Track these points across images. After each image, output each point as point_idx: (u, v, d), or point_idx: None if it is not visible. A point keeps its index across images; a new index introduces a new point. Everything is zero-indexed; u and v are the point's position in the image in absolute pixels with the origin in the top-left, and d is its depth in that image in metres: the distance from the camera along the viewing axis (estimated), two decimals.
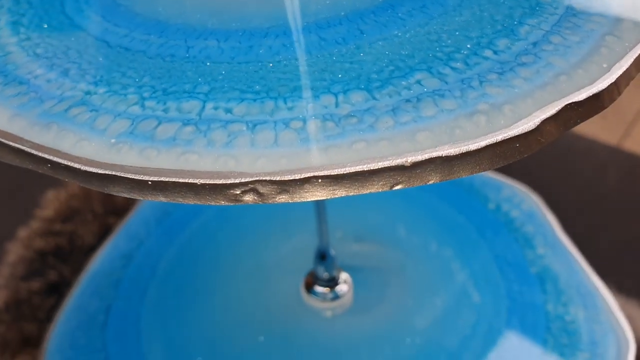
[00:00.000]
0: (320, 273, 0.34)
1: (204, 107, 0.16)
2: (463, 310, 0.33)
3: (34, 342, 0.37)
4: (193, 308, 0.35)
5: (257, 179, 0.15)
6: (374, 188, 0.15)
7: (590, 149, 0.66)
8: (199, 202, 0.15)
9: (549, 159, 0.63)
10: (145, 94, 0.16)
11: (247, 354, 0.32)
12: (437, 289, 0.34)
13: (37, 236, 0.52)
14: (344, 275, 0.35)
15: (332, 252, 0.33)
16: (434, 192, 0.39)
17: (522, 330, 0.32)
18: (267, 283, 0.35)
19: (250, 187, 0.15)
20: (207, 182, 0.15)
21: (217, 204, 0.15)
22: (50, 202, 0.53)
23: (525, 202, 0.38)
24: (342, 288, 0.34)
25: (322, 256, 0.33)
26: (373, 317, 0.33)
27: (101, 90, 0.17)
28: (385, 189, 0.15)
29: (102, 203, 0.54)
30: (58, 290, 0.40)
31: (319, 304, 0.34)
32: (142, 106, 0.16)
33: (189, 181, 0.15)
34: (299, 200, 0.15)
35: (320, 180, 0.15)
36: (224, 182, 0.15)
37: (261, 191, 0.15)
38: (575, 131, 0.84)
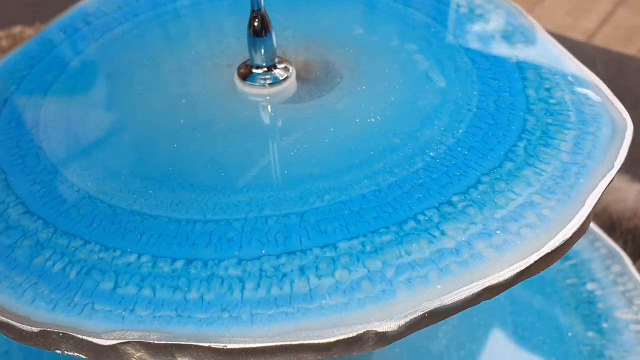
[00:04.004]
0: (257, 55, 0.28)
1: None
2: (425, 95, 0.27)
3: None
4: (106, 101, 0.29)
5: None
6: None
7: (578, 46, 0.61)
8: None
9: None
10: None
11: (168, 141, 0.26)
12: (395, 78, 0.29)
13: None
14: (285, 63, 0.29)
15: (271, 30, 0.28)
16: (399, 1, 0.34)
17: (496, 109, 0.27)
18: (196, 76, 0.30)
19: None
20: None
21: None
22: None
23: (503, 6, 0.33)
24: (281, 72, 0.28)
25: (255, 19, 0.27)
26: (319, 104, 0.27)
27: None
28: None
29: None
30: None
31: (255, 90, 0.28)
32: None
33: None
34: None
35: None
36: None
37: None
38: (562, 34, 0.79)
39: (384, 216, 0.23)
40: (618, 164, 0.24)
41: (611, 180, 0.24)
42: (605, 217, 0.43)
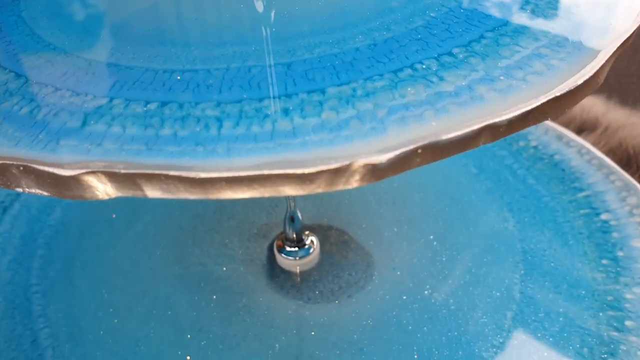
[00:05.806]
0: None
1: None
2: None
3: None
4: None
5: None
6: None
7: None
8: None
9: None
10: None
11: (150, 8, 0.25)
12: None
13: None
14: None
15: None
16: None
17: None
18: None
19: None
20: None
21: None
22: None
23: None
24: None
25: None
26: None
27: None
28: None
29: None
30: None
31: None
32: None
33: None
34: None
35: None
36: None
37: None
38: None
39: (378, 65, 0.21)
40: (635, 26, 0.22)
41: (628, 40, 0.22)
42: (621, 152, 0.41)
